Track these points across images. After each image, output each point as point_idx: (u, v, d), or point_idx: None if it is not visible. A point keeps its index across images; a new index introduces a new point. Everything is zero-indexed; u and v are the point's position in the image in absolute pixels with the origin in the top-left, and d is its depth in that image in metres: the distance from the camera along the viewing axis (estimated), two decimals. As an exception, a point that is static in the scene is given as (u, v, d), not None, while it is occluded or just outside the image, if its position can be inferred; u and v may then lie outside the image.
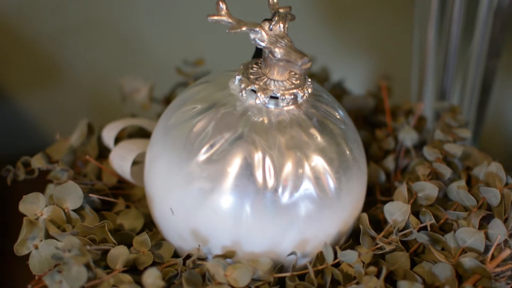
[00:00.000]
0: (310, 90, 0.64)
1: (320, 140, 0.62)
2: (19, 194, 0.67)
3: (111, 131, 0.74)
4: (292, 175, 0.61)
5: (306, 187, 0.61)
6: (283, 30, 0.62)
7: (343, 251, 0.63)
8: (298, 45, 0.62)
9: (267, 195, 0.60)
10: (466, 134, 0.74)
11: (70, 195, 0.65)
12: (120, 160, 0.71)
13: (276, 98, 0.62)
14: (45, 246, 0.63)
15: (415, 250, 0.66)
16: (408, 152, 0.77)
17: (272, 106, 0.62)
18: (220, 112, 0.62)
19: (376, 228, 0.66)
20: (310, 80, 0.64)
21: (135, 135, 0.77)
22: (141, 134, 0.77)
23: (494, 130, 1.08)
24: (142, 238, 0.64)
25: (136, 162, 0.71)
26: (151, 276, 0.56)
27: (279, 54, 0.61)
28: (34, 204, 0.65)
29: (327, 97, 0.67)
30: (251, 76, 0.63)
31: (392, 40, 1.11)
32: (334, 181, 0.62)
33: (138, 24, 1.06)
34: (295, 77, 0.64)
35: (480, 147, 0.93)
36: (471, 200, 0.67)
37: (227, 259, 0.62)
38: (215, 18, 0.62)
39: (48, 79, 1.09)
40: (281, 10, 0.63)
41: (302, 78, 0.64)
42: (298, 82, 0.63)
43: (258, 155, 0.60)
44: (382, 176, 0.75)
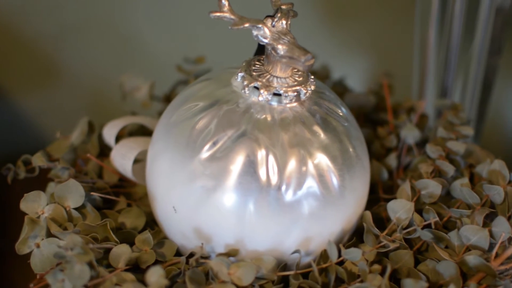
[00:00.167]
0: (313, 87, 0.63)
1: (324, 137, 0.62)
2: (17, 194, 0.66)
3: (112, 129, 0.73)
4: (295, 172, 0.60)
5: (309, 184, 0.61)
6: (286, 27, 0.62)
7: (347, 249, 0.63)
8: (298, 43, 0.61)
9: (271, 193, 0.60)
10: (468, 131, 0.74)
11: (71, 194, 0.65)
12: (122, 158, 0.70)
13: (279, 95, 0.62)
14: (46, 245, 0.62)
15: (418, 248, 0.66)
16: (410, 149, 0.77)
17: (275, 103, 0.62)
18: (223, 109, 0.62)
19: (379, 226, 0.66)
20: (313, 77, 0.64)
21: (136, 133, 0.77)
22: (142, 132, 0.77)
23: (494, 128, 1.08)
24: (145, 237, 0.63)
25: (138, 160, 0.71)
26: (155, 274, 0.56)
27: (282, 50, 0.61)
28: (35, 202, 0.65)
29: (329, 94, 0.66)
30: (254, 73, 0.63)
31: (392, 38, 1.11)
32: (337, 178, 0.62)
33: (137, 23, 1.06)
34: (298, 74, 0.63)
35: (481, 145, 0.92)
36: (474, 198, 0.67)
37: (230, 257, 0.61)
38: (217, 14, 0.61)
39: (47, 79, 1.08)
40: (283, 7, 0.62)
41: (305, 75, 0.64)
42: (301, 79, 0.63)
43: (261, 153, 0.60)
44: (385, 174, 0.74)
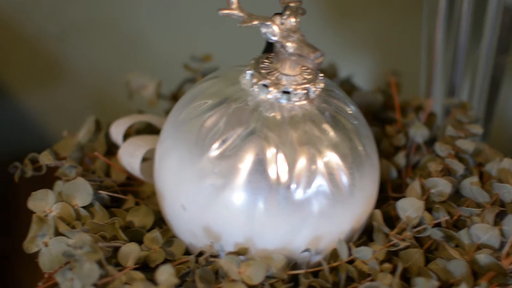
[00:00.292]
0: (322, 85, 0.63)
1: (333, 135, 0.62)
2: (21, 193, 0.66)
3: (120, 127, 0.73)
4: (305, 171, 0.60)
5: (319, 183, 0.60)
6: (295, 24, 0.61)
7: (357, 248, 0.62)
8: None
9: (280, 191, 0.60)
10: (477, 130, 0.74)
11: (79, 192, 0.65)
12: (129, 157, 0.70)
13: (288, 93, 0.61)
14: (55, 243, 0.62)
15: (428, 247, 0.65)
16: (418, 148, 0.76)
17: (284, 101, 0.61)
18: (232, 107, 0.61)
19: (388, 225, 0.66)
20: (322, 75, 0.64)
21: (143, 132, 0.77)
22: (149, 131, 0.77)
23: (502, 127, 1.07)
24: (153, 235, 0.63)
25: (145, 159, 0.70)
26: (165, 273, 0.55)
27: (291, 48, 0.60)
28: (43, 201, 0.64)
29: (338, 92, 0.66)
30: (263, 71, 0.62)
31: (396, 37, 1.11)
32: (347, 177, 0.62)
33: (141, 21, 1.06)
34: (307, 71, 0.63)
35: (489, 144, 0.92)
36: (484, 197, 0.66)
37: (240, 256, 0.61)
38: (226, 12, 0.61)
39: (51, 77, 1.08)
40: (291, 4, 0.62)
41: (314, 73, 0.63)
42: (310, 77, 0.63)
43: (270, 151, 0.60)
44: (394, 173, 0.74)
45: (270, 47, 0.64)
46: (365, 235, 0.66)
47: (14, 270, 0.90)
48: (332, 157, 0.61)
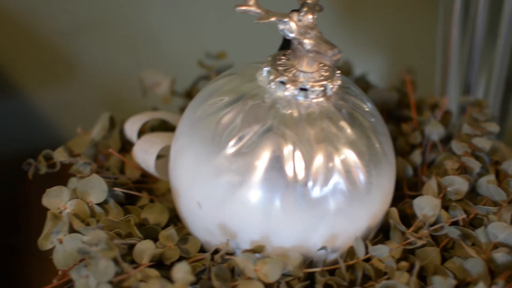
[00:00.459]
0: (339, 82, 0.63)
1: (350, 132, 0.61)
2: (32, 191, 0.66)
3: (134, 124, 0.73)
4: (322, 168, 0.60)
5: (336, 180, 0.60)
6: (312, 21, 0.61)
7: (374, 246, 0.62)
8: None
9: (297, 189, 0.59)
10: (494, 128, 0.73)
11: (94, 189, 0.64)
12: (144, 154, 0.70)
13: (305, 90, 0.61)
14: (69, 240, 0.62)
15: (444, 246, 0.65)
16: (434, 146, 0.76)
17: (301, 98, 0.61)
18: (248, 104, 0.61)
19: (404, 223, 0.65)
20: (339, 71, 0.63)
21: (157, 129, 0.76)
22: (163, 128, 0.76)
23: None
24: (169, 233, 0.63)
25: (160, 156, 0.70)
26: (181, 270, 0.55)
27: (308, 45, 0.60)
28: (57, 197, 0.64)
29: (355, 89, 0.66)
30: (280, 68, 0.62)
31: (409, 35, 1.10)
32: (364, 175, 0.61)
33: (154, 18, 1.06)
34: (324, 68, 0.63)
35: (504, 142, 0.92)
36: (501, 195, 0.66)
37: (256, 254, 0.61)
38: (243, 8, 0.61)
39: (63, 75, 1.08)
40: (309, 1, 0.62)
41: (331, 70, 0.63)
42: (327, 73, 0.62)
43: (287, 148, 0.59)
44: (410, 171, 0.73)
45: (286, 44, 0.64)
46: (381, 233, 0.66)
47: (25, 267, 0.90)
48: (349, 154, 0.61)
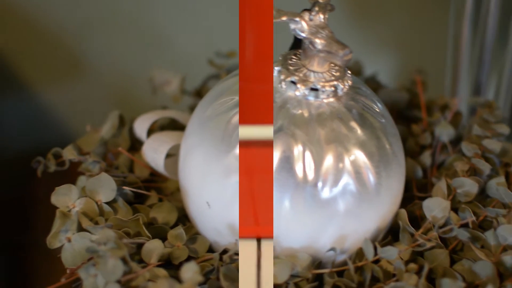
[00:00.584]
0: (350, 82, 0.62)
1: (361, 133, 0.61)
2: (41, 189, 0.66)
3: (144, 123, 0.73)
4: (332, 169, 0.59)
5: (346, 181, 0.60)
6: (323, 21, 0.61)
7: (383, 247, 0.62)
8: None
9: (307, 189, 0.59)
10: (504, 129, 0.73)
11: (103, 187, 0.64)
12: (153, 153, 0.70)
13: (316, 90, 0.61)
14: (78, 239, 0.62)
15: (453, 248, 0.65)
16: (444, 147, 0.76)
17: (312, 98, 0.61)
18: (258, 104, 0.61)
19: (413, 225, 0.65)
20: (349, 72, 0.63)
21: (167, 127, 0.76)
22: (173, 127, 0.76)
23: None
24: (177, 232, 0.63)
25: (169, 155, 0.70)
26: (190, 270, 0.55)
27: (320, 45, 0.60)
28: (66, 196, 0.64)
29: (365, 89, 0.65)
30: (291, 68, 0.62)
31: (418, 35, 1.10)
32: (374, 176, 0.61)
33: (164, 17, 1.05)
34: (335, 68, 0.62)
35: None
36: (511, 197, 0.66)
37: (264, 254, 0.60)
38: (254, 7, 0.60)
39: (72, 73, 1.08)
40: (320, 0, 0.61)
41: (342, 70, 0.63)
42: (338, 74, 0.62)
43: (298, 148, 0.59)
44: (419, 172, 0.73)
45: (297, 44, 0.63)
46: (390, 234, 0.66)
47: (34, 265, 0.90)
48: (359, 155, 0.60)
